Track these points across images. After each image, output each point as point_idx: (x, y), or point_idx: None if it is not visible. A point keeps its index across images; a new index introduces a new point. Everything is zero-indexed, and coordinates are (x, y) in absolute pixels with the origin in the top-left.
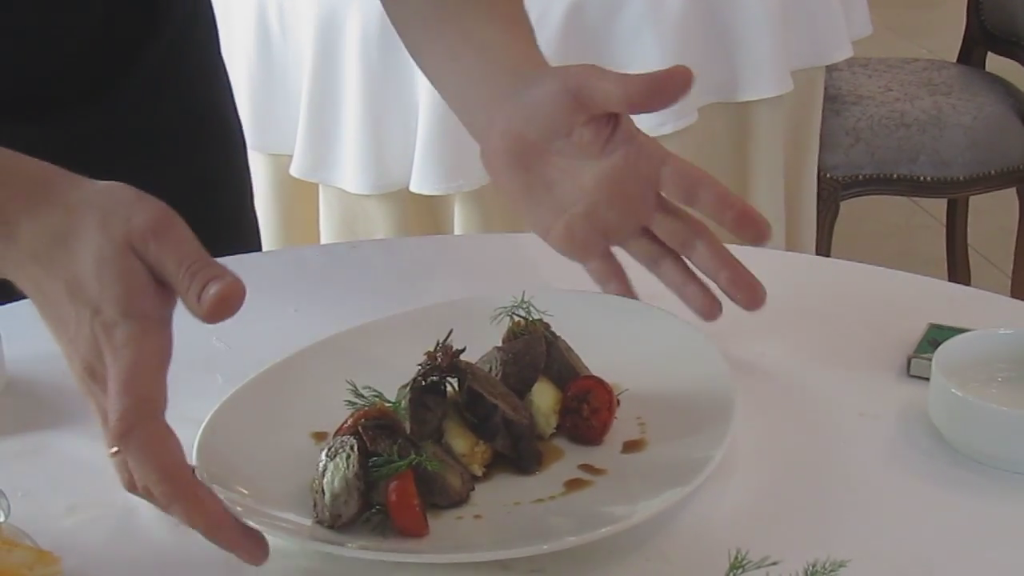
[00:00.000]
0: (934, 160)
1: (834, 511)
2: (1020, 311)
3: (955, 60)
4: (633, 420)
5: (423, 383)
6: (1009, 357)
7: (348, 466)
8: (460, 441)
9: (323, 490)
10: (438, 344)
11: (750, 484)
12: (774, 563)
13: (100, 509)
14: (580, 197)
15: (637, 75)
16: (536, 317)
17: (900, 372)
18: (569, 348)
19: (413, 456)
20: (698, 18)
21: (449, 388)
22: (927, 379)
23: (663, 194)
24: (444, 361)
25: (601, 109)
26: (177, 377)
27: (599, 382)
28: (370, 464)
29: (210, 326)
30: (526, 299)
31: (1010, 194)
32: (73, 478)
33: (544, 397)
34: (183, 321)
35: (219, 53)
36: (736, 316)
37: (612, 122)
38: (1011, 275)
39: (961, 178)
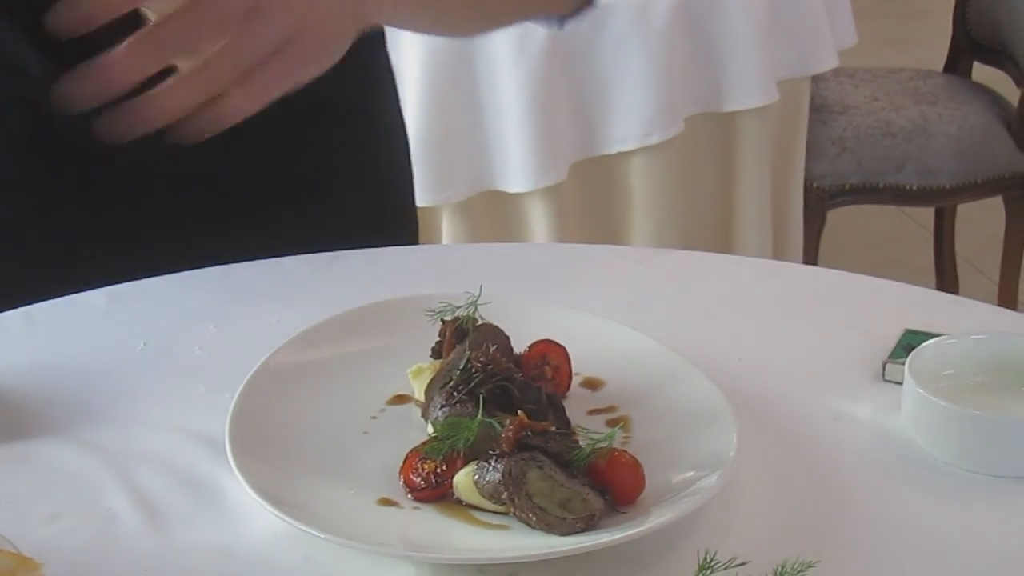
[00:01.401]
0: (920, 169)
1: (805, 513)
2: (995, 316)
3: (942, 70)
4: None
5: (464, 392)
6: (981, 362)
7: (554, 472)
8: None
9: (541, 507)
10: (474, 352)
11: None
12: (742, 564)
13: (82, 517)
14: None
15: None
16: (471, 314)
17: (876, 377)
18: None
19: (614, 430)
20: (683, 29)
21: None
22: (901, 384)
23: None
24: (497, 366)
25: None
26: (160, 387)
27: (548, 342)
28: (570, 456)
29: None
30: (477, 298)
31: (998, 202)
32: (55, 486)
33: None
34: (165, 331)
35: (384, 43)
36: (715, 322)
37: None
38: (998, 283)
39: (947, 187)
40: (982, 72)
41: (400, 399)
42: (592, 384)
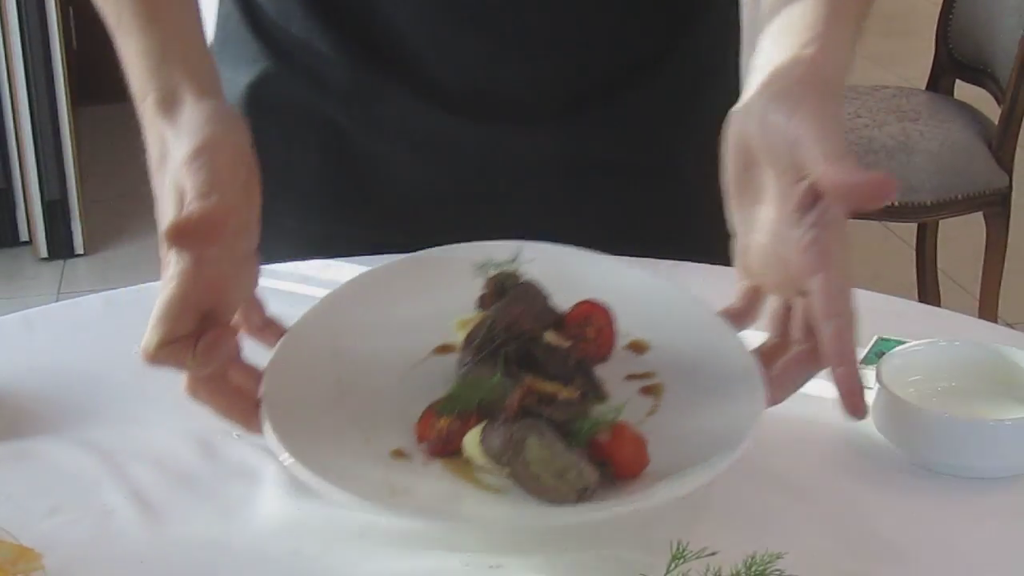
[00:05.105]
0: (902, 185)
1: (775, 509)
2: (966, 325)
3: (924, 87)
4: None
5: (487, 351)
6: (949, 367)
7: (554, 441)
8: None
9: (537, 475)
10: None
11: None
12: (713, 554)
13: (80, 512)
14: (765, 228)
15: (847, 163)
16: (513, 268)
17: None
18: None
19: (620, 405)
20: None
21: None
22: (872, 388)
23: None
24: (521, 327)
25: (800, 172)
26: (154, 388)
27: (593, 303)
28: (573, 427)
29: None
30: (516, 253)
31: (979, 218)
32: (54, 482)
33: (553, 336)
34: None
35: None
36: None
37: (813, 195)
38: (979, 298)
39: (928, 203)
40: (964, 90)
41: (445, 349)
42: (637, 347)
